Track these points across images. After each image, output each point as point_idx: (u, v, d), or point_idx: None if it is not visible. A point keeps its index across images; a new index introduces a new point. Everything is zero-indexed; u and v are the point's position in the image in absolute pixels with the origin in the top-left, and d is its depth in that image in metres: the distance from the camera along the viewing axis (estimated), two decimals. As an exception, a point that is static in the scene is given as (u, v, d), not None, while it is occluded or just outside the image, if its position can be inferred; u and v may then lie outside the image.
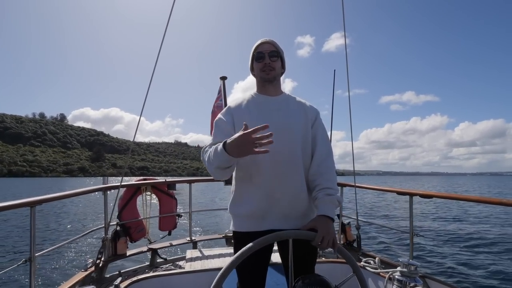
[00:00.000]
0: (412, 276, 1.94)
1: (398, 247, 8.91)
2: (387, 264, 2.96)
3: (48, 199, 2.45)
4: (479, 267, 7.06)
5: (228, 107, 1.72)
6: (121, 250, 3.45)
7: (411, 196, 2.94)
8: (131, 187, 3.78)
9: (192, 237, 4.13)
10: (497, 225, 12.98)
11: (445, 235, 11.15)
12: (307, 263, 1.63)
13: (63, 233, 11.96)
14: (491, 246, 9.34)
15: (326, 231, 1.39)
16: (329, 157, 1.64)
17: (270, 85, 1.70)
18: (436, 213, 16.74)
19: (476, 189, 47.20)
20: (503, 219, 14.46)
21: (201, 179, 4.56)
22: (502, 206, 2.34)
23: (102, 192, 3.35)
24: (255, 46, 1.71)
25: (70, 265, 7.41)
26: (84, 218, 16.07)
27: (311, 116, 1.69)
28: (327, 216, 1.46)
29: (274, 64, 1.66)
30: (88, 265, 3.04)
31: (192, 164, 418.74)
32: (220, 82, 4.37)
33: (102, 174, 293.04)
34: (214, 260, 3.42)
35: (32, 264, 2.19)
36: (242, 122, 1.53)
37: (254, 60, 1.70)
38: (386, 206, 20.89)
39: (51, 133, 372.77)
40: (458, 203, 19.83)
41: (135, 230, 3.70)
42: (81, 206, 21.32)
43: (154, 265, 3.70)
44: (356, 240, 3.54)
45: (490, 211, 16.86)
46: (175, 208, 4.08)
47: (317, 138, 1.67)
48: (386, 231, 10.78)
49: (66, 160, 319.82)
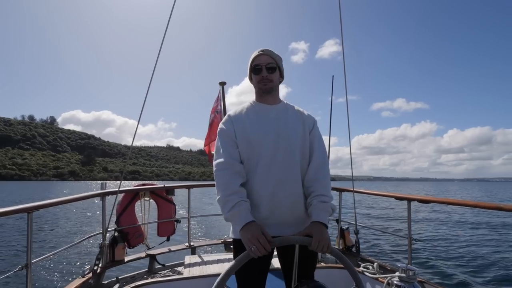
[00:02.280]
0: (411, 281, 1.94)
1: (397, 252, 8.96)
2: (385, 269, 2.97)
3: (46, 205, 2.43)
4: (477, 272, 7.10)
5: (228, 115, 1.75)
6: (119, 256, 3.42)
7: (409, 201, 2.94)
8: (130, 192, 3.75)
9: (191, 242, 4.11)
10: (494, 230, 13.12)
11: (443, 240, 11.24)
12: (307, 268, 1.65)
13: (60, 239, 11.79)
14: (489, 251, 9.43)
15: (321, 236, 1.44)
16: (325, 165, 1.70)
17: (269, 95, 1.74)
18: (434, 218, 16.87)
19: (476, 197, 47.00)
20: (501, 224, 14.61)
21: (200, 184, 4.55)
22: (499, 211, 2.37)
23: (100, 197, 3.32)
24: (253, 58, 1.74)
25: (67, 272, 7.29)
26: (81, 224, 15.86)
27: (308, 124, 1.74)
28: (321, 222, 1.52)
29: (272, 76, 1.71)
30: (86, 271, 3.01)
31: (184, 169, 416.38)
32: (219, 87, 4.38)
33: (93, 178, 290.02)
34: (213, 266, 3.41)
35: (28, 271, 2.17)
36: (242, 130, 1.64)
37: (252, 72, 1.75)
38: (384, 210, 21.02)
39: (41, 136, 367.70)
40: (456, 208, 19.99)
41: (133, 236, 3.67)
42: (78, 211, 21.04)
43: (152, 271, 3.67)
44: (355, 245, 3.56)
45: (487, 216, 17.04)
46: (174, 213, 4.06)
47: (313, 145, 1.72)
48: (384, 236, 10.85)
49: (56, 163, 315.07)
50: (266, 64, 1.69)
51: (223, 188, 1.53)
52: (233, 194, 1.51)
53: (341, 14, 3.19)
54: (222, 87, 4.37)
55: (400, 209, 20.64)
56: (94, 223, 15.46)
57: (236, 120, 1.69)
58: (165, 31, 2.93)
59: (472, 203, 2.53)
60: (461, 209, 19.50)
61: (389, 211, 20.58)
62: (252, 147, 1.62)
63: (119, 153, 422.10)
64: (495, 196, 44.47)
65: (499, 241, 10.93)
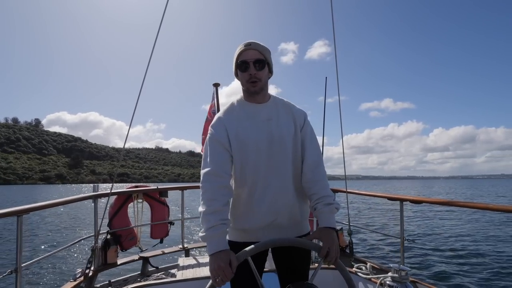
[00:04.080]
0: (403, 282, 1.96)
1: (390, 252, 9.04)
2: (378, 269, 2.98)
3: (36, 207, 2.39)
4: (469, 271, 7.19)
5: (218, 118, 1.61)
6: (111, 259, 3.38)
7: (401, 202, 2.94)
8: (122, 194, 3.71)
9: (185, 244, 4.08)
10: (485, 230, 13.30)
11: (435, 240, 11.35)
12: (301, 270, 1.64)
13: (51, 242, 11.62)
14: (481, 251, 9.54)
15: (331, 243, 1.40)
16: (321, 163, 1.62)
17: (258, 95, 1.60)
18: (426, 218, 17.06)
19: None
20: (490, 223, 14.85)
21: (194, 186, 4.52)
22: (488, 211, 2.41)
23: (92, 200, 3.28)
24: (238, 53, 1.55)
25: (58, 275, 7.19)
26: (73, 226, 15.63)
27: (299, 120, 1.64)
28: (330, 227, 1.47)
29: (260, 74, 1.53)
30: (77, 275, 2.97)
31: (174, 170, 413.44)
32: (213, 88, 4.36)
33: (81, 181, 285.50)
34: (206, 268, 3.38)
35: (18, 275, 2.12)
36: (234, 134, 1.53)
37: (238, 69, 1.56)
38: (376, 210, 21.18)
39: (26, 138, 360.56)
40: (447, 208, 20.23)
41: (126, 238, 3.63)
42: (70, 214, 20.70)
43: (146, 274, 3.64)
44: (349, 246, 3.58)
45: (477, 215, 17.30)
46: (167, 215, 4.03)
47: (305, 142, 1.62)
48: (377, 236, 10.91)
49: (42, 167, 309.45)
50: (253, 60, 1.51)
51: (206, 204, 1.42)
52: (213, 213, 1.40)
53: (333, 15, 3.22)
54: (216, 88, 4.36)
55: (392, 209, 20.81)
56: (86, 226, 15.26)
57: (228, 123, 1.56)
58: (157, 33, 2.88)
59: (462, 204, 2.56)
60: (452, 208, 19.76)
61: (380, 211, 20.73)
62: (245, 151, 1.54)
63: (107, 155, 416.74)
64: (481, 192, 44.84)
65: (491, 240, 11.10)
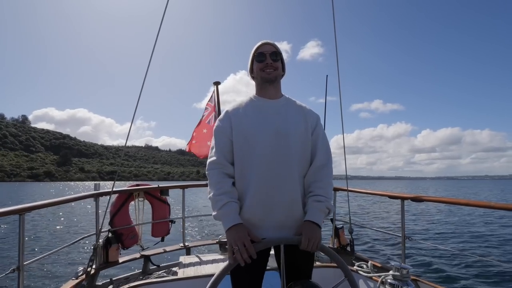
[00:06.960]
0: (404, 280, 1.98)
1: (391, 251, 9.10)
2: (379, 268, 3.00)
3: (38, 206, 2.38)
4: (470, 269, 7.23)
5: (226, 111, 1.69)
6: (112, 257, 3.36)
7: (402, 200, 2.96)
8: (124, 193, 3.69)
9: (186, 243, 4.08)
10: (486, 227, 13.51)
11: (436, 238, 11.46)
12: (303, 269, 1.64)
13: (53, 240, 11.53)
14: (482, 248, 9.67)
15: (311, 234, 1.45)
16: (327, 165, 1.63)
17: (271, 87, 1.66)
18: (427, 216, 17.26)
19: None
20: (491, 221, 15.09)
21: (195, 184, 4.52)
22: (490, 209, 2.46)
23: (94, 198, 3.26)
24: (256, 47, 1.69)
25: (60, 274, 7.16)
26: (75, 225, 15.49)
27: (311, 122, 1.67)
28: (313, 221, 1.51)
29: (277, 64, 1.65)
30: (79, 273, 2.94)
31: (163, 169, 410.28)
32: (213, 87, 4.34)
33: (70, 179, 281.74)
34: (208, 266, 3.40)
35: (20, 273, 2.11)
36: (239, 126, 1.58)
37: (255, 60, 1.67)
38: (377, 208, 21.34)
39: (12, 135, 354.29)
40: (448, 206, 20.34)
41: (127, 236, 3.61)
42: (71, 212, 20.45)
43: (147, 272, 3.64)
44: (350, 244, 3.62)
45: (479, 213, 17.57)
46: (168, 214, 4.02)
47: (317, 145, 1.65)
48: (378, 234, 10.98)
49: (30, 164, 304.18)
50: (270, 52, 1.65)
51: (215, 187, 1.52)
52: (223, 193, 1.50)
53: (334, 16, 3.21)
54: (216, 87, 4.34)
55: (392, 207, 20.92)
56: (87, 225, 15.14)
57: (234, 116, 1.62)
58: (158, 32, 2.87)
59: (464, 202, 2.58)
60: (452, 207, 19.98)
61: (381, 209, 20.86)
62: (248, 144, 1.55)
63: (96, 153, 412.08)
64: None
65: (491, 238, 11.21)
